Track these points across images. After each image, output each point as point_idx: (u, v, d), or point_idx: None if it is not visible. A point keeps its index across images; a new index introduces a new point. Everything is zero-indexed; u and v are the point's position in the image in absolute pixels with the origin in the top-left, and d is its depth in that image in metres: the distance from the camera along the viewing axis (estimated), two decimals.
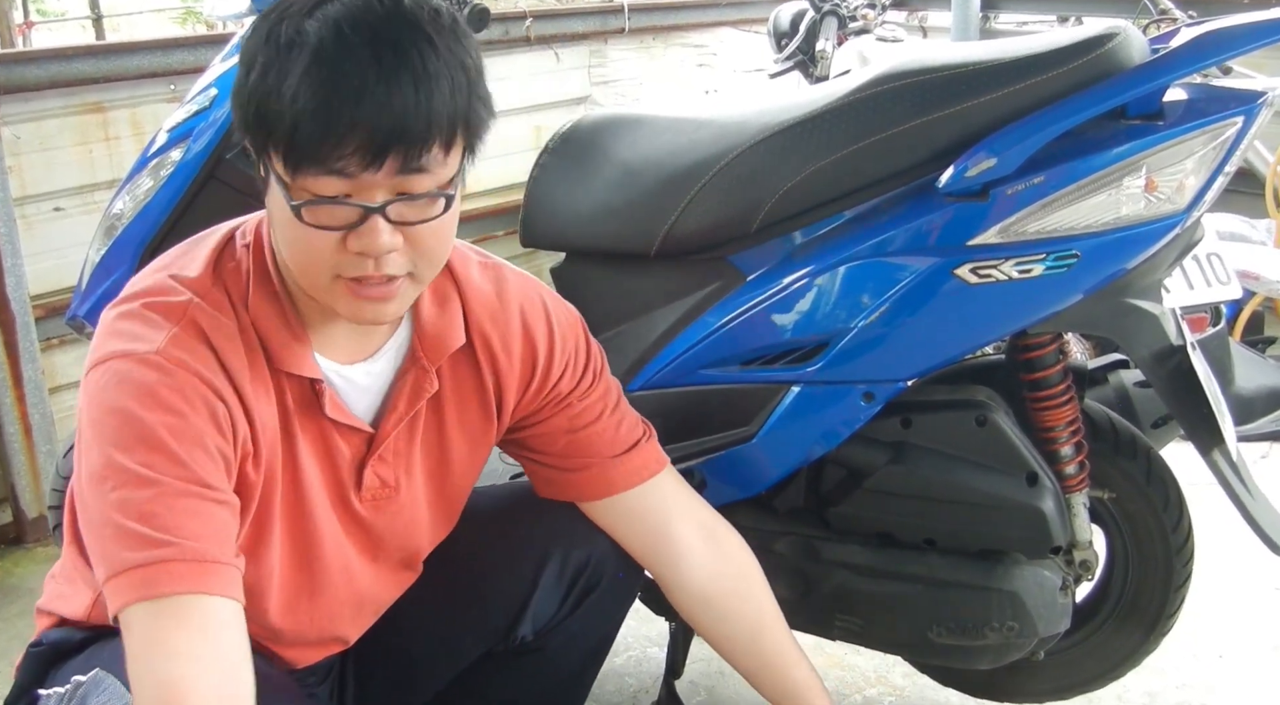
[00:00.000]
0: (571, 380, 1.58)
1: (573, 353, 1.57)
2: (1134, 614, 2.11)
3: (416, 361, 1.44)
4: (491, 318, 1.50)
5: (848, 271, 1.79)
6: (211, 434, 1.24)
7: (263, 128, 1.18)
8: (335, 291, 1.25)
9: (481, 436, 1.56)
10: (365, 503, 1.47)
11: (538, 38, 4.21)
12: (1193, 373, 1.81)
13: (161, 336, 1.25)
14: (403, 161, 1.17)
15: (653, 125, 2.02)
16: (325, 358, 1.38)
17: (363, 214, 1.20)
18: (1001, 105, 1.72)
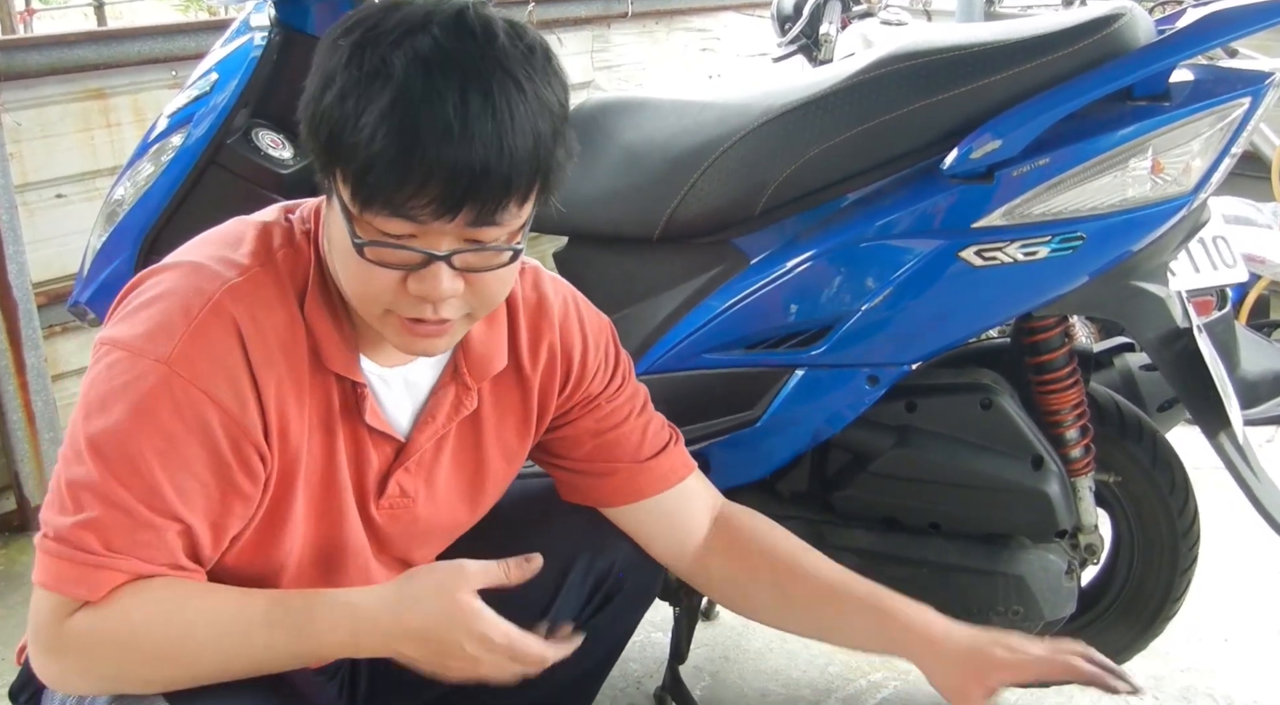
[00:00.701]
0: (601, 382, 1.54)
1: (604, 357, 1.54)
2: (1139, 598, 2.11)
3: (459, 377, 1.40)
4: (533, 331, 1.47)
5: (852, 254, 1.79)
6: (202, 457, 1.21)
7: (334, 154, 1.14)
8: (387, 323, 1.23)
9: (518, 450, 1.53)
10: (382, 510, 1.42)
11: (540, 22, 4.19)
12: (1199, 356, 1.80)
13: (178, 336, 1.20)
14: (477, 214, 1.13)
15: (656, 108, 2.02)
16: (367, 358, 1.35)
17: (426, 260, 1.16)
18: (1006, 87, 1.72)
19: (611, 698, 2.34)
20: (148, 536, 1.20)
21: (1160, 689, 2.33)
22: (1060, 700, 2.29)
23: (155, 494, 1.20)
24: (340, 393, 1.33)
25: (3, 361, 3.01)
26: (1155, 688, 2.33)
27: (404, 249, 1.16)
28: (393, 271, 1.17)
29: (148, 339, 1.20)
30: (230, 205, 1.41)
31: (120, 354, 1.21)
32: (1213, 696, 2.31)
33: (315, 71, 1.18)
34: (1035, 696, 2.30)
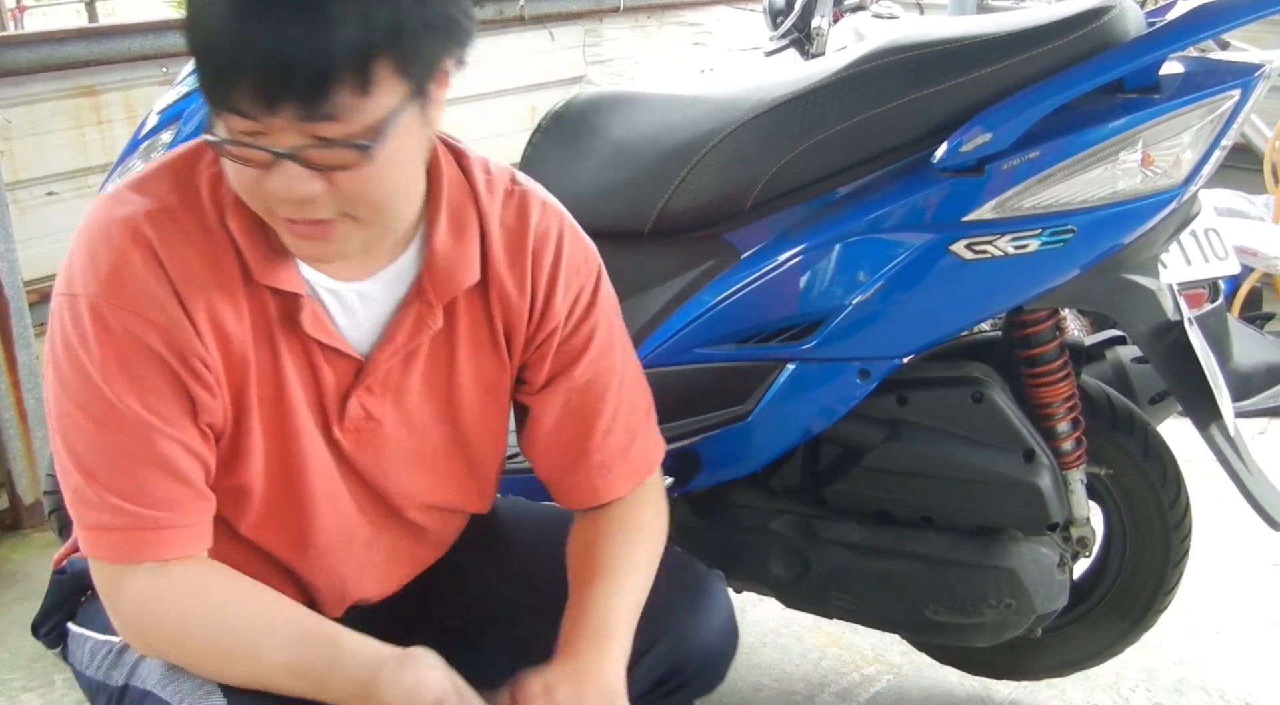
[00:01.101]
0: (566, 336, 1.43)
1: (578, 294, 1.43)
2: (1132, 590, 2.11)
3: (422, 294, 1.33)
4: (509, 251, 1.38)
5: (842, 248, 1.79)
6: (159, 376, 1.23)
7: (191, 53, 1.11)
8: (276, 225, 1.20)
9: (495, 381, 1.43)
10: (347, 433, 1.36)
11: (532, 17, 4.19)
12: (1190, 348, 1.80)
13: (102, 268, 1.20)
14: (302, 108, 1.07)
15: (646, 103, 2.01)
16: (317, 271, 1.29)
17: (272, 157, 1.11)
18: (996, 80, 1.72)
19: None
20: (155, 476, 1.23)
21: (1153, 682, 2.33)
22: (1053, 694, 2.30)
23: (143, 428, 1.22)
24: (279, 305, 1.28)
25: None
26: (1148, 681, 2.34)
27: (248, 146, 1.11)
28: (251, 170, 1.13)
29: (80, 278, 1.22)
30: None
31: (61, 300, 1.23)
32: (1205, 689, 2.31)
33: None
34: (1028, 690, 2.31)
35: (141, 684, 1.34)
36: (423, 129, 1.19)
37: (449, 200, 1.33)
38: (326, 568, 1.44)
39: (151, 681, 1.33)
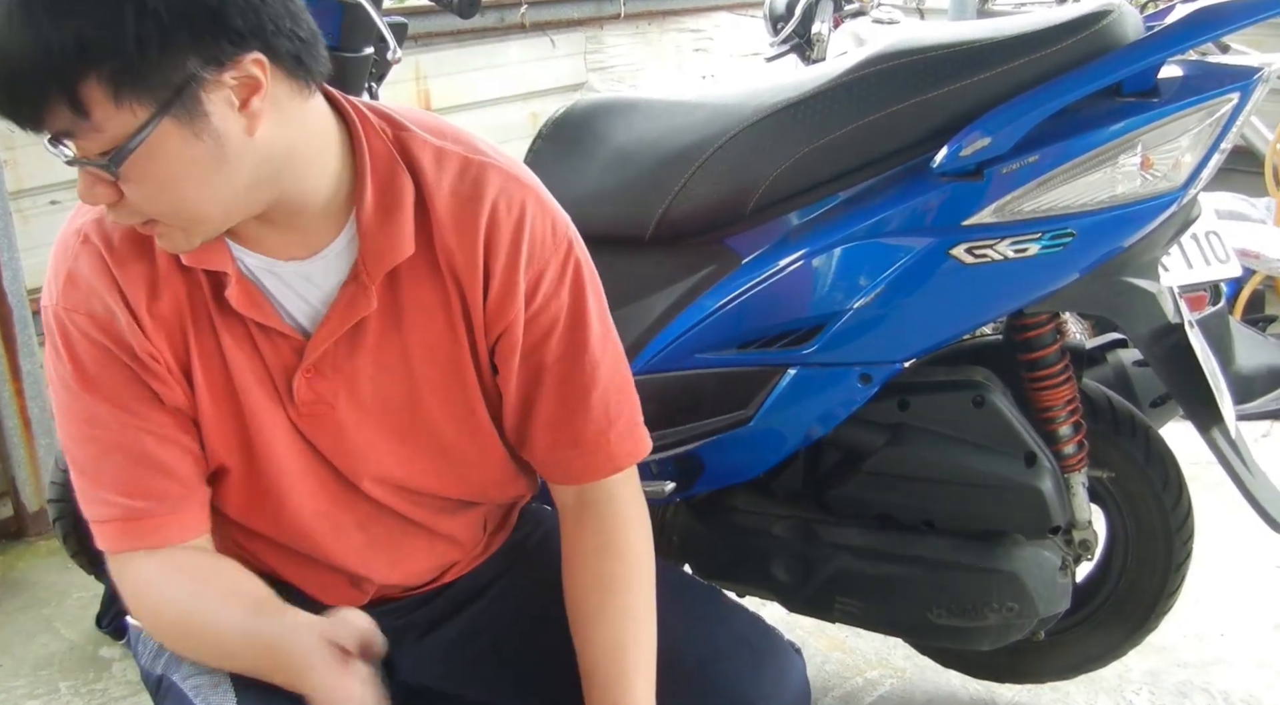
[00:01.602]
0: (540, 301, 1.36)
1: (541, 269, 1.35)
2: (1134, 594, 2.11)
3: (356, 275, 1.30)
4: (457, 223, 1.31)
5: (843, 253, 1.79)
6: (113, 369, 1.28)
7: None
8: None
9: (452, 356, 1.37)
10: (302, 417, 1.35)
11: (532, 24, 4.20)
12: (1191, 351, 1.81)
13: (61, 276, 1.27)
14: (32, 129, 1.07)
15: (646, 109, 2.02)
16: (256, 252, 1.29)
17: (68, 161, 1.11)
18: (995, 84, 1.72)
19: None
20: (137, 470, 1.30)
21: (1156, 685, 2.33)
22: (1056, 697, 2.30)
23: (117, 425, 1.29)
24: (211, 286, 1.29)
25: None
26: (1152, 684, 2.34)
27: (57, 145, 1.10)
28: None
29: (46, 290, 1.29)
30: None
31: (45, 317, 1.30)
32: (1209, 692, 2.32)
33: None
34: (1032, 693, 2.31)
35: (171, 675, 1.40)
36: (202, 141, 1.12)
37: (374, 176, 1.28)
38: (324, 550, 1.45)
39: (179, 674, 1.39)
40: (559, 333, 1.38)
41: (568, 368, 1.39)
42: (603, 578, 1.41)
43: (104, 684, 2.44)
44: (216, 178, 1.15)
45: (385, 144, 1.30)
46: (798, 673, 1.49)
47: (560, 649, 1.42)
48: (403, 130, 1.33)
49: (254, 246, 1.29)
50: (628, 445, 1.44)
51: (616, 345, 1.45)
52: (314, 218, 1.28)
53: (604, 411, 1.41)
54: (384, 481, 1.43)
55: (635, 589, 1.41)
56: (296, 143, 1.20)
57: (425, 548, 1.53)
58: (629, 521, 1.45)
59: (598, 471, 1.43)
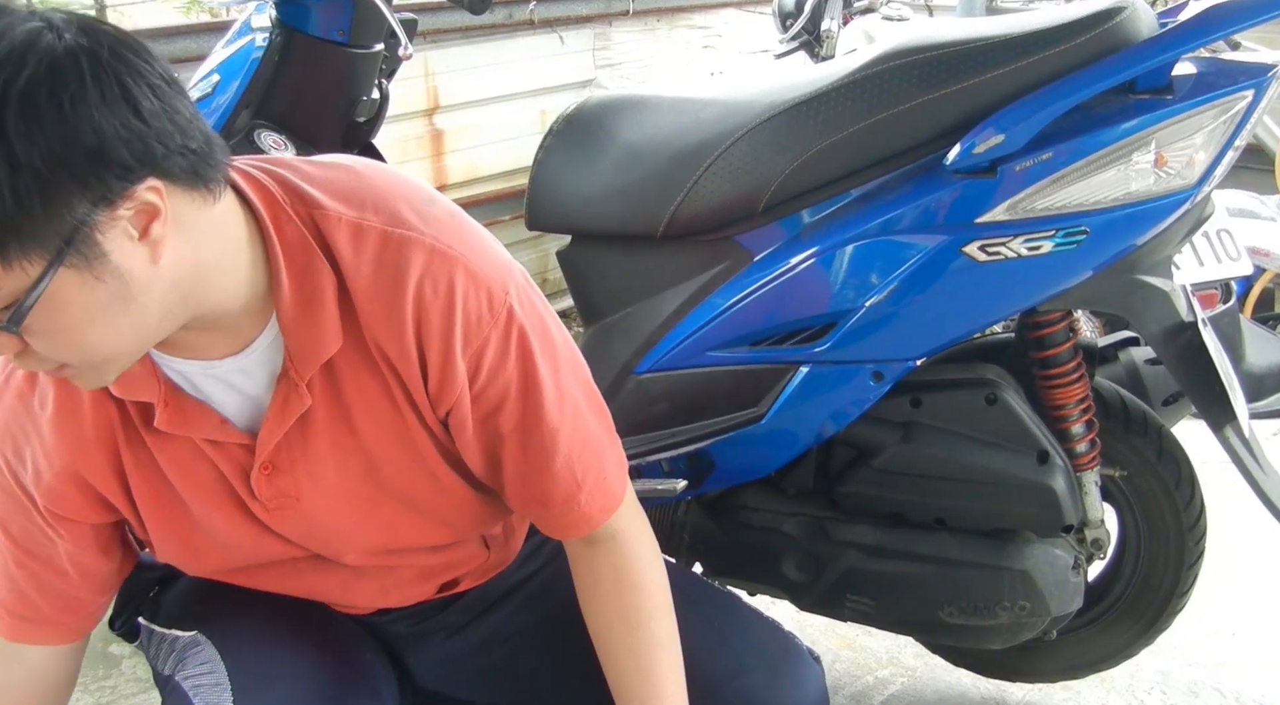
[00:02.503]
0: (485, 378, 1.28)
1: (481, 347, 1.25)
2: (1146, 592, 2.11)
3: (285, 373, 1.23)
4: (383, 309, 1.22)
5: (855, 250, 1.78)
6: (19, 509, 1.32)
7: None
8: None
9: (402, 433, 1.30)
10: (271, 512, 1.31)
11: (541, 20, 4.19)
12: (1204, 349, 1.80)
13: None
14: None
15: (658, 106, 2.01)
16: (191, 359, 1.23)
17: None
18: (1009, 81, 1.71)
19: None
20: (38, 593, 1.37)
21: (1168, 684, 2.33)
22: (1067, 696, 2.29)
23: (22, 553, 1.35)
24: (138, 411, 1.25)
25: None
26: (1163, 683, 2.33)
27: None
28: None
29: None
30: None
31: None
32: (1220, 691, 2.31)
33: None
34: (1043, 692, 2.30)
35: (176, 674, 1.43)
36: (104, 283, 1.04)
37: (289, 269, 1.19)
38: (309, 590, 1.49)
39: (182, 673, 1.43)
40: (510, 403, 1.30)
41: (524, 435, 1.32)
42: (625, 611, 1.39)
43: (114, 681, 2.45)
44: (124, 317, 1.07)
45: (298, 229, 1.20)
46: (816, 681, 1.49)
47: (578, 661, 1.42)
48: (316, 208, 1.21)
49: (183, 353, 1.22)
50: (599, 502, 1.38)
51: (575, 401, 1.35)
52: (236, 319, 1.20)
53: (570, 475, 1.34)
54: (366, 551, 1.42)
55: (659, 618, 1.39)
56: (204, 258, 1.11)
57: (416, 577, 1.52)
58: (638, 556, 1.41)
59: (574, 530, 1.39)
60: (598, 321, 1.98)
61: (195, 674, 1.40)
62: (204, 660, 1.41)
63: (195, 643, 1.45)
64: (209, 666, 1.40)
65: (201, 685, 1.38)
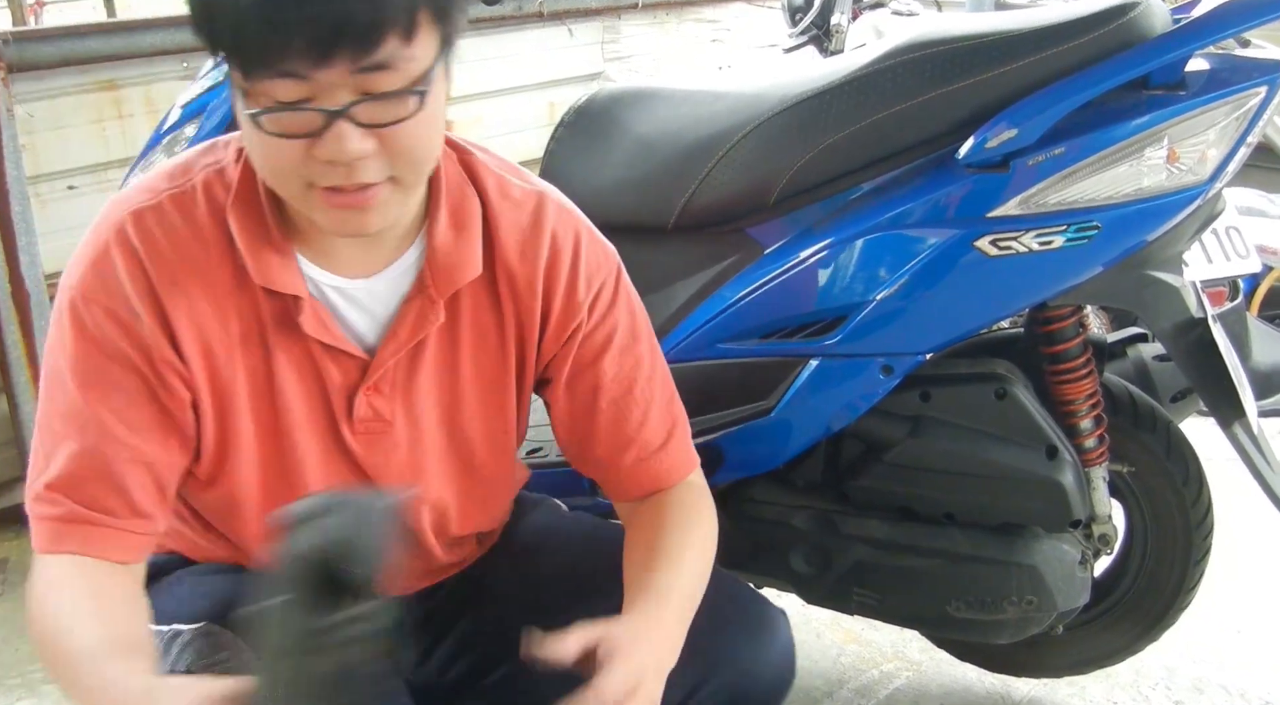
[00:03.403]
0: (591, 331, 1.41)
1: (598, 291, 1.40)
2: (1153, 588, 2.11)
3: (424, 289, 1.31)
4: (520, 248, 1.36)
5: (866, 244, 1.78)
6: (128, 378, 1.24)
7: (210, 29, 1.08)
8: (311, 202, 1.16)
9: (498, 380, 1.40)
10: (358, 435, 1.35)
11: (550, 13, 4.18)
12: (1213, 346, 1.80)
13: (84, 263, 1.23)
14: (356, 56, 1.06)
15: (669, 98, 2.01)
16: (324, 270, 1.28)
17: (326, 119, 1.09)
18: (1022, 76, 1.71)
19: None
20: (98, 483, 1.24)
21: (1173, 680, 2.33)
22: (1073, 691, 2.30)
23: (99, 433, 1.23)
24: (272, 307, 1.27)
25: (16, 352, 3.02)
26: (1168, 679, 2.33)
27: (299, 111, 1.09)
28: (297, 140, 1.10)
29: (67, 274, 1.25)
30: None
31: (59, 299, 1.25)
32: (1226, 688, 2.31)
33: None
34: (1048, 687, 2.30)
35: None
36: (446, 84, 1.18)
37: (448, 196, 1.31)
38: None
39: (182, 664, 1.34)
40: (614, 348, 1.42)
41: (626, 382, 1.43)
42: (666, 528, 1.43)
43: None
44: (441, 130, 1.20)
45: (455, 167, 1.34)
46: (787, 636, 1.51)
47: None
48: (467, 154, 1.36)
49: (323, 263, 1.28)
50: (682, 455, 1.48)
51: (662, 360, 1.49)
52: (394, 230, 1.28)
53: (662, 424, 1.45)
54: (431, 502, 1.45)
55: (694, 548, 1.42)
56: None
57: (426, 568, 1.54)
58: (707, 507, 1.49)
59: (658, 480, 1.46)
60: None
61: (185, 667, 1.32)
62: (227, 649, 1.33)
63: (208, 633, 1.37)
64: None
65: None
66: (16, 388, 3.05)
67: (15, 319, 3.00)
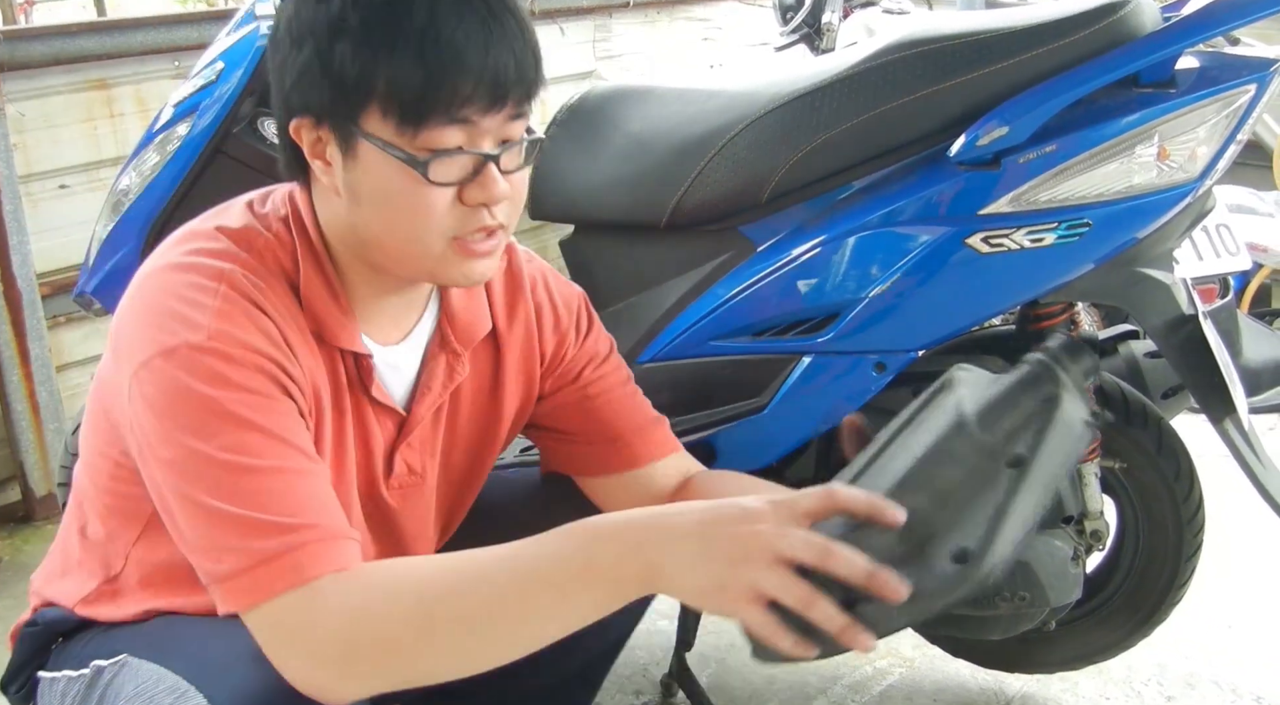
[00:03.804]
0: (574, 349, 1.56)
1: (574, 325, 1.56)
2: (1144, 584, 2.12)
3: (447, 345, 1.42)
4: (508, 297, 1.50)
5: (858, 241, 1.79)
6: (286, 401, 1.21)
7: (369, 91, 1.17)
8: (446, 257, 1.25)
9: (490, 429, 1.52)
10: (393, 490, 1.42)
11: (542, 12, 4.18)
12: (1204, 342, 1.80)
13: (207, 316, 1.17)
14: (518, 102, 1.22)
15: (661, 96, 2.02)
16: (368, 338, 1.35)
17: (480, 162, 1.21)
18: (1013, 73, 1.72)
19: (618, 685, 2.35)
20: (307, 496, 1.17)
21: (1165, 676, 2.34)
22: (1065, 687, 2.30)
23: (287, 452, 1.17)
24: (349, 368, 1.33)
25: (8, 352, 3.02)
26: (1160, 674, 2.34)
27: (463, 154, 1.20)
28: (450, 189, 1.21)
29: (179, 329, 1.17)
30: (236, 194, 1.39)
31: (155, 362, 1.16)
32: (1218, 683, 2.32)
33: (298, 31, 1.21)
34: (1041, 683, 2.31)
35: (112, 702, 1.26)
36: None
37: None
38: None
39: (122, 700, 1.24)
40: (603, 362, 1.57)
41: (618, 377, 1.58)
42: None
43: None
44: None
45: None
46: None
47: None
48: None
49: (367, 330, 1.35)
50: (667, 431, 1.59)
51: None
52: (416, 293, 1.38)
53: (649, 407, 1.59)
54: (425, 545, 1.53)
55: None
56: None
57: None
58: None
59: (660, 449, 1.56)
60: (601, 311, 1.97)
61: (133, 693, 1.23)
62: (142, 677, 1.24)
63: (124, 665, 1.27)
64: (151, 679, 1.22)
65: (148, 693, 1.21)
66: (8, 387, 3.05)
67: (7, 318, 3.01)
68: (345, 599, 1.12)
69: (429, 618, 1.11)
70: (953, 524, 1.05)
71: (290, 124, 1.24)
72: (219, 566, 1.13)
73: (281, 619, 1.12)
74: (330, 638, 1.11)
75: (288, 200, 1.33)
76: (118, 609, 1.36)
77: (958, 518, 1.06)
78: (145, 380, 1.17)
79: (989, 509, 1.05)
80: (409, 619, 1.11)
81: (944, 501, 1.06)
